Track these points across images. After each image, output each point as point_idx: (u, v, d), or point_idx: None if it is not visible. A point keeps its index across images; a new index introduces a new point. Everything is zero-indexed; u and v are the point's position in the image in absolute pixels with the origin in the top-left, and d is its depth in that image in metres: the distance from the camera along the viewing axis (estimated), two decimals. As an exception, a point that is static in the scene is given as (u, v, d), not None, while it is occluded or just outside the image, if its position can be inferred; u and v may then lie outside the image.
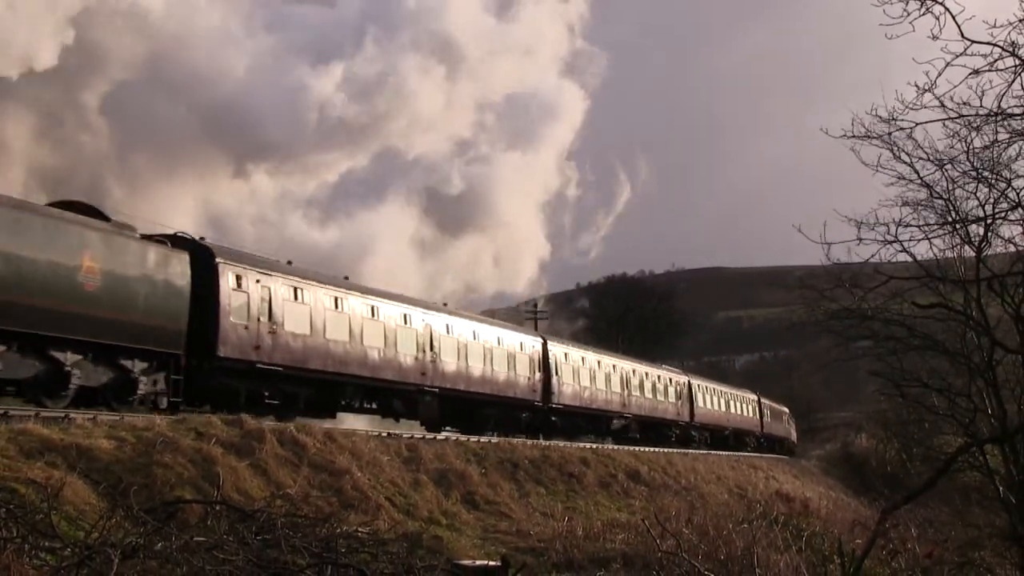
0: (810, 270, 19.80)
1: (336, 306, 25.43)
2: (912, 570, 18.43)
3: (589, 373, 39.80)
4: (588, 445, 32.76)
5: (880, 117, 11.51)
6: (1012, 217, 13.68)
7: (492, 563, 13.99)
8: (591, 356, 41.11)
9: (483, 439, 27.11)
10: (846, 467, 69.25)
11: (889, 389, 26.70)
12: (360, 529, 13.60)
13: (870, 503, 45.49)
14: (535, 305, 69.19)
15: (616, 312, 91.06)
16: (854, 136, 11.98)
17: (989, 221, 14.45)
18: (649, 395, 45.47)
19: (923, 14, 9.50)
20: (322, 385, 24.91)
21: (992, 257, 16.61)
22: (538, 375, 35.26)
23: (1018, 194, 12.72)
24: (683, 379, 51.63)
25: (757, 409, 63.78)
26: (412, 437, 23.72)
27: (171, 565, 9.71)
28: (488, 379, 32.03)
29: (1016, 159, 12.58)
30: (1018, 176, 12.68)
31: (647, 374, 46.13)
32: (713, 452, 46.03)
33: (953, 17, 9.56)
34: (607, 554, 17.63)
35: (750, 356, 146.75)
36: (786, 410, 74.18)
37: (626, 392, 42.93)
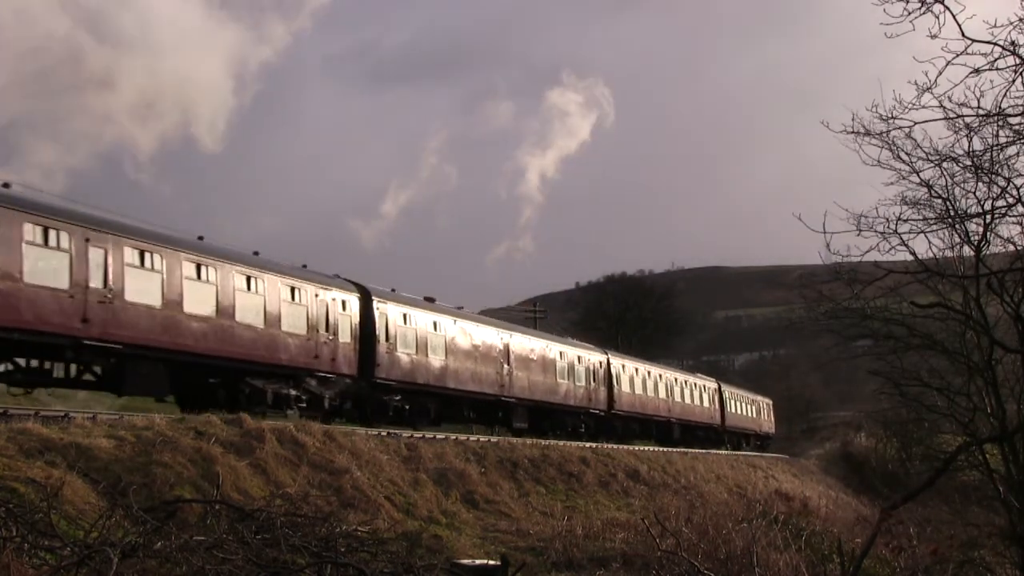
0: (810, 269, 19.81)
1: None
2: (912, 569, 18.39)
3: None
4: (588, 444, 32.78)
5: (880, 115, 11.50)
6: (1011, 215, 13.69)
7: (491, 562, 13.97)
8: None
9: (482, 438, 27.13)
10: (846, 466, 69.14)
11: (889, 388, 26.69)
12: (360, 528, 13.57)
13: (870, 502, 45.59)
14: (535, 305, 69.20)
15: (615, 311, 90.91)
16: (853, 132, 11.97)
17: (988, 219, 14.47)
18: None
19: (923, 13, 9.50)
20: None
21: (991, 257, 16.60)
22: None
23: (1018, 190, 12.69)
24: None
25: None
26: (411, 436, 23.72)
27: (170, 564, 9.69)
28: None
29: (1015, 157, 12.54)
30: (1019, 175, 12.65)
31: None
32: (712, 451, 46.12)
33: (954, 16, 9.56)
34: (607, 553, 17.58)
35: (749, 355, 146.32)
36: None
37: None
